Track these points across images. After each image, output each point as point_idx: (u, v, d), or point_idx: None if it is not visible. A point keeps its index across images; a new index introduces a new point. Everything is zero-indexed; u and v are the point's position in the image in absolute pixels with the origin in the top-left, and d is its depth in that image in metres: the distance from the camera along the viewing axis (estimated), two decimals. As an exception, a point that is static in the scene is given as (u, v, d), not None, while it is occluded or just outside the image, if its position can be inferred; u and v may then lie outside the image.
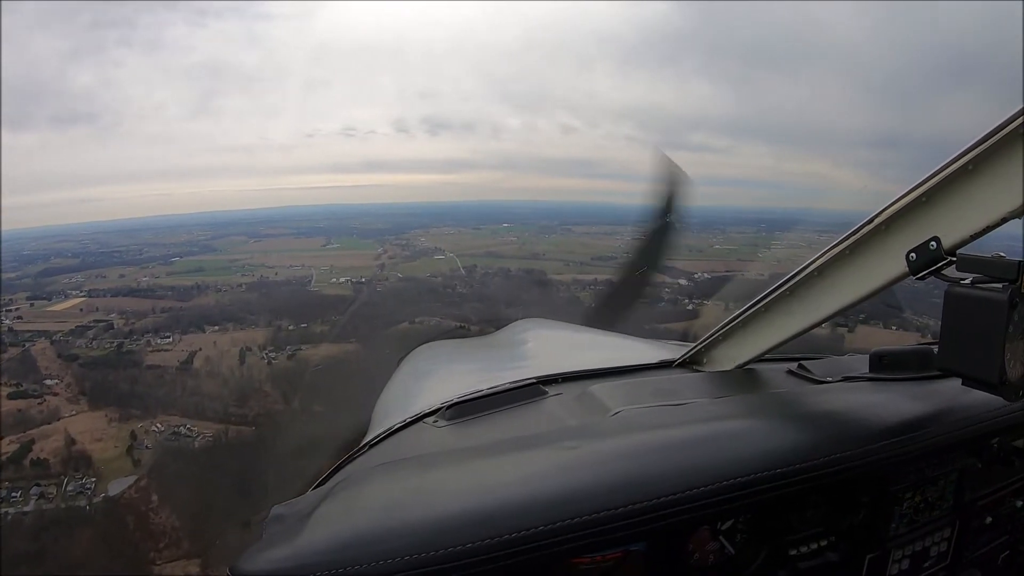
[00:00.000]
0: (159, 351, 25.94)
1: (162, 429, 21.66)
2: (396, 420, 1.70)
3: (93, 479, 19.51)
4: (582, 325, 3.17)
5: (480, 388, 1.72)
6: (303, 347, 24.99)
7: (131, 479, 19.22)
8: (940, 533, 1.49)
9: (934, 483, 1.44)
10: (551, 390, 1.72)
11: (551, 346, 2.60)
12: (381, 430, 1.69)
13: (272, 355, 24.99)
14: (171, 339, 26.66)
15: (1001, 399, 1.05)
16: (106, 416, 21.95)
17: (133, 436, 21.19)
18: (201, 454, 20.22)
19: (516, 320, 3.12)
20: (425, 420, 1.64)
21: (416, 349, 2.83)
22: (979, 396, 1.14)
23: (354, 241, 44.22)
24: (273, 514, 1.09)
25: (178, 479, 18.54)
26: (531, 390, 1.71)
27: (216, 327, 28.04)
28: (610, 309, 3.59)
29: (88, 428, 21.32)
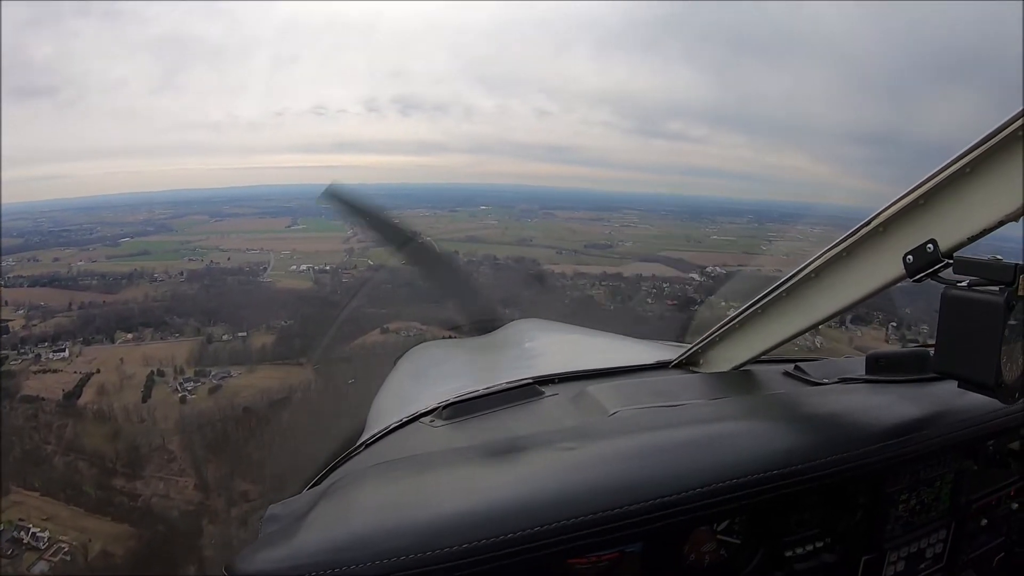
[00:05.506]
0: (46, 371, 19.80)
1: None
2: (392, 420, 1.69)
3: None
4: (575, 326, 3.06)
5: (477, 388, 1.71)
6: (233, 372, 18.96)
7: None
8: (936, 535, 1.49)
9: (930, 485, 1.44)
10: (548, 390, 1.72)
11: (548, 346, 2.59)
12: (377, 430, 1.68)
13: (189, 386, 18.68)
14: (66, 353, 20.68)
15: (997, 402, 1.05)
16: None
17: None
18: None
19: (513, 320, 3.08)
20: (421, 420, 1.64)
21: (413, 348, 2.84)
22: (975, 398, 1.12)
23: (322, 223, 39.44)
24: (269, 514, 1.08)
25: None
26: (528, 390, 1.70)
27: (131, 334, 22.19)
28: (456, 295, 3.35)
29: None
